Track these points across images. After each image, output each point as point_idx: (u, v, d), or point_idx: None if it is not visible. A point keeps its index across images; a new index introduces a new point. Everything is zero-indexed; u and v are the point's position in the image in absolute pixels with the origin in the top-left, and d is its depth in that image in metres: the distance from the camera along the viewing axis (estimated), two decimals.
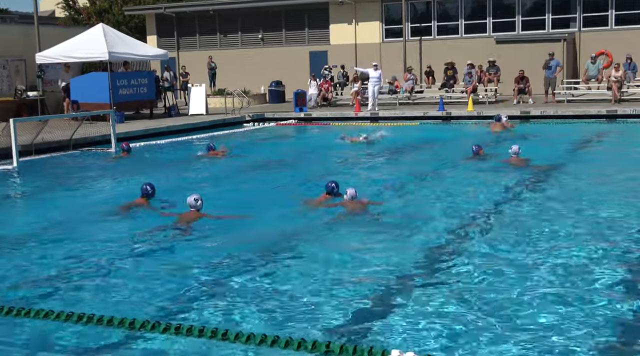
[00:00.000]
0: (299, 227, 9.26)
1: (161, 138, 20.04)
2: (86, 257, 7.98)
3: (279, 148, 18.20)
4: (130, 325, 5.61)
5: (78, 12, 43.84)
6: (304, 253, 7.95)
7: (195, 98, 25.68)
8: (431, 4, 30.20)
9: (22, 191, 13.45)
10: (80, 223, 9.87)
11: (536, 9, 28.92)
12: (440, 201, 10.52)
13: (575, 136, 18.04)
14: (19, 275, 7.44)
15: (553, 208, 9.78)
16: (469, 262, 7.30)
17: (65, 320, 5.79)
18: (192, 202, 9.36)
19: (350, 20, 31.38)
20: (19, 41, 25.65)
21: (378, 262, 7.42)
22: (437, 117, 23.15)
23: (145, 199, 10.35)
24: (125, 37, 25.85)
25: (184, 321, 5.77)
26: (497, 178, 12.21)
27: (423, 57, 29.86)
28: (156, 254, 8.12)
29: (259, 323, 5.82)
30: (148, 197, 10.35)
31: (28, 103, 24.12)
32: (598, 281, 6.58)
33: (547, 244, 7.89)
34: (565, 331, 5.46)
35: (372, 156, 15.69)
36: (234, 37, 33.70)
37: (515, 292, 6.32)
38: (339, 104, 28.03)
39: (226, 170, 14.43)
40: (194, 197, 9.40)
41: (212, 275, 7.16)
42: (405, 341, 5.36)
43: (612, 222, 8.86)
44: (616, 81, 23.73)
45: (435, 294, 6.35)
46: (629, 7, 27.63)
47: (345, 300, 6.27)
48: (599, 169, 12.94)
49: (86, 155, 17.18)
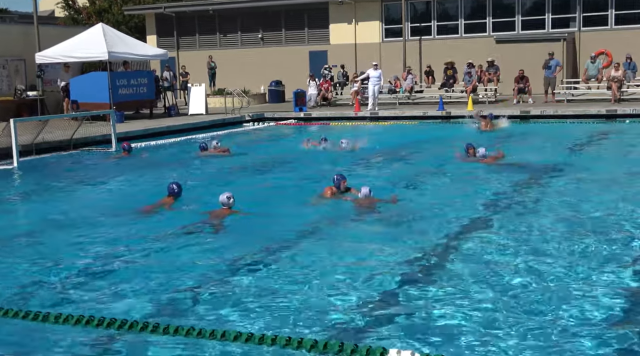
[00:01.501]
0: (309, 223, 9.29)
1: (161, 138, 20.05)
2: (115, 256, 8.00)
3: (278, 147, 18.19)
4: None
5: (78, 11, 43.84)
6: (303, 252, 7.96)
7: (195, 98, 25.69)
8: (431, 4, 30.20)
9: (23, 191, 13.44)
10: (103, 221, 9.90)
11: (536, 8, 28.92)
12: (439, 202, 10.52)
13: (568, 136, 18.09)
14: (23, 277, 7.45)
15: (553, 207, 9.82)
16: (468, 263, 7.31)
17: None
18: (225, 200, 9.41)
19: (350, 20, 31.39)
20: (18, 41, 25.64)
21: (378, 261, 7.44)
22: (437, 116, 23.16)
23: (172, 198, 10.37)
24: (125, 37, 25.85)
25: (183, 321, 5.78)
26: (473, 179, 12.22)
27: (423, 56, 29.87)
28: (187, 252, 8.09)
29: (258, 322, 5.82)
30: (175, 196, 10.37)
31: (28, 103, 24.13)
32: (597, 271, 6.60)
33: (548, 243, 7.91)
34: (565, 331, 5.47)
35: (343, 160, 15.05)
36: (233, 37, 33.70)
37: (516, 292, 6.33)
38: (338, 104, 28.04)
39: (226, 168, 14.43)
40: (226, 194, 9.44)
41: (206, 277, 7.17)
42: (405, 340, 5.37)
43: (601, 221, 8.88)
44: (616, 81, 23.74)
45: (435, 294, 6.36)
46: (628, 7, 27.63)
47: (345, 300, 6.28)
48: (590, 168, 12.98)
49: (87, 155, 17.19)
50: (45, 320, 5.83)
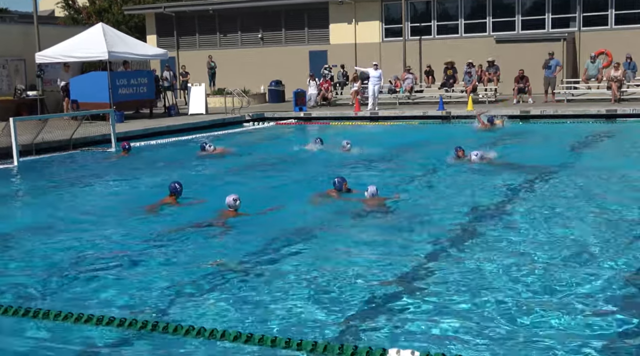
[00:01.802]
0: (312, 222, 9.32)
1: (161, 137, 20.04)
2: (116, 255, 8.03)
3: (278, 146, 18.18)
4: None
5: (78, 11, 43.85)
6: (304, 252, 7.96)
7: (195, 97, 25.69)
8: (431, 4, 30.19)
9: (23, 191, 13.45)
10: (110, 219, 9.93)
11: (536, 8, 28.91)
12: (433, 204, 10.51)
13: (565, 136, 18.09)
14: (24, 277, 7.45)
15: (557, 205, 9.82)
16: (467, 262, 7.31)
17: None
18: (231, 202, 9.36)
19: (350, 20, 31.38)
20: (18, 41, 25.65)
21: (378, 261, 7.44)
22: (437, 116, 23.15)
23: (174, 197, 10.38)
24: (124, 37, 25.85)
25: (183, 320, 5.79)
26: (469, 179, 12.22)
27: (423, 56, 29.86)
28: (191, 252, 8.10)
29: (258, 323, 5.82)
30: (176, 194, 10.38)
31: (28, 102, 24.14)
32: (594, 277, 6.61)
33: (548, 244, 7.91)
34: (565, 331, 5.47)
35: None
36: (233, 37, 33.70)
37: (516, 292, 6.33)
38: (338, 104, 28.04)
39: (227, 168, 14.42)
40: (232, 197, 9.38)
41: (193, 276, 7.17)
42: (404, 340, 5.37)
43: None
44: (616, 81, 23.74)
45: (435, 294, 6.36)
46: (628, 7, 27.62)
47: (345, 300, 6.28)
48: (590, 168, 12.98)
49: (87, 155, 17.18)
50: (46, 317, 5.84)
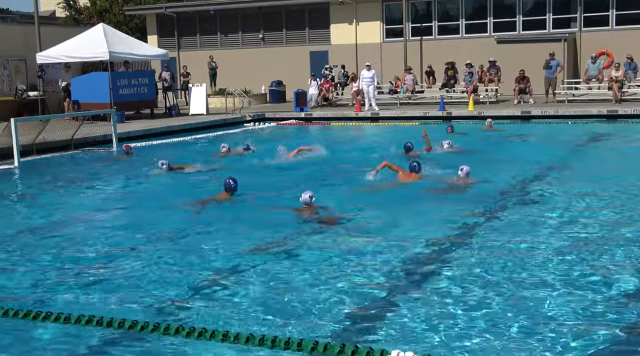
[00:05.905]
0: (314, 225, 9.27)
1: (162, 138, 20.05)
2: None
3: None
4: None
5: (79, 12, 43.88)
6: (304, 254, 7.95)
7: (195, 98, 25.70)
8: (432, 4, 30.20)
9: (24, 191, 13.45)
10: (103, 220, 9.92)
11: (537, 8, 28.91)
12: (433, 205, 10.51)
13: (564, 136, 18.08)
14: (23, 276, 7.45)
15: (555, 206, 9.82)
16: (467, 263, 7.31)
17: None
18: (307, 199, 9.30)
19: (350, 20, 31.39)
20: (19, 41, 25.66)
21: (377, 261, 7.43)
22: (438, 117, 23.15)
23: (228, 193, 10.33)
24: (125, 37, 25.88)
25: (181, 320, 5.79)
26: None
27: (424, 57, 29.85)
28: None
29: (258, 323, 5.82)
30: (231, 191, 10.33)
31: (29, 103, 24.17)
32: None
33: (549, 244, 7.91)
34: (565, 332, 5.47)
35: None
36: (234, 37, 33.71)
37: (516, 292, 6.33)
38: (339, 104, 28.04)
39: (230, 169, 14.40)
40: (308, 194, 9.32)
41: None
42: (405, 341, 5.36)
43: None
44: (617, 81, 23.73)
45: (435, 294, 6.36)
46: (629, 7, 27.62)
47: (345, 300, 6.28)
48: (588, 168, 12.99)
49: (88, 155, 17.18)
50: (47, 319, 5.84)
